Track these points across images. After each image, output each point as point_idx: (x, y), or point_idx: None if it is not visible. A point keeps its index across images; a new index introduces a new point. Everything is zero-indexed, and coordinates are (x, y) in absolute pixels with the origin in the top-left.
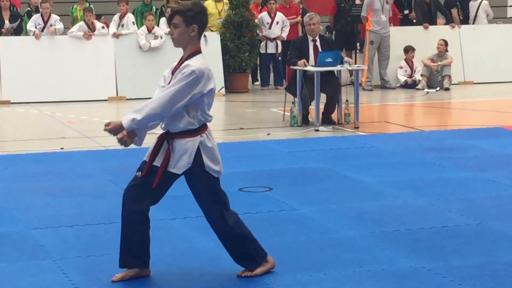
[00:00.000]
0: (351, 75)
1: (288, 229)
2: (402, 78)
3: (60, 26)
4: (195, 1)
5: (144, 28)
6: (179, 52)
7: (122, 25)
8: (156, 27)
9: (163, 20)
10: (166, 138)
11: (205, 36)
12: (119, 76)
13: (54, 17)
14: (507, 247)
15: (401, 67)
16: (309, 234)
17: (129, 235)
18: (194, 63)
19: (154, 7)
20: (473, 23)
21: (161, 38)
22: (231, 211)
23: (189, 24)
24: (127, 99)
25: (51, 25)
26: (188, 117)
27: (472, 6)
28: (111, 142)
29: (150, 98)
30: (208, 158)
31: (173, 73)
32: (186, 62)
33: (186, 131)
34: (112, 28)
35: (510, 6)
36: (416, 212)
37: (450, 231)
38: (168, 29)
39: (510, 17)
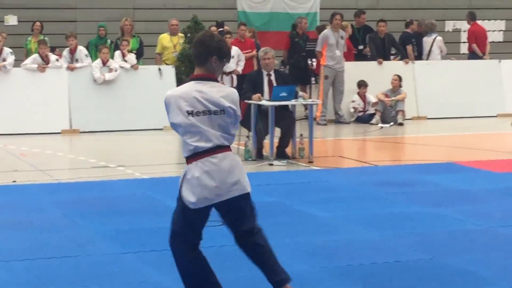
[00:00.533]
0: (305, 109)
1: (242, 263)
2: (354, 110)
3: (11, 59)
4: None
5: (98, 61)
6: (134, 85)
7: (77, 60)
8: (110, 60)
9: (117, 53)
10: None
11: (160, 69)
12: (73, 109)
13: (6, 50)
14: (459, 282)
15: (354, 101)
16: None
17: None
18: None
19: (109, 40)
20: (427, 59)
21: (116, 71)
22: (185, 245)
23: (212, 55)
24: (80, 132)
25: (3, 59)
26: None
27: (426, 42)
28: (64, 175)
29: (104, 131)
30: (186, 187)
31: None
32: None
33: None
34: (64, 63)
35: (463, 42)
36: (369, 247)
37: (403, 266)
38: (123, 62)
39: (463, 53)
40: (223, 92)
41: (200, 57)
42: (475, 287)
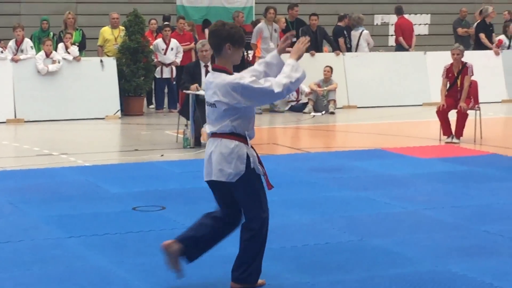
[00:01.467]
0: None
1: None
2: (290, 102)
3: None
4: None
5: (42, 53)
6: (77, 76)
7: (22, 51)
8: (54, 52)
9: (61, 45)
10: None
11: (101, 61)
12: (18, 99)
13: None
14: (387, 262)
15: None
16: None
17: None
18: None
19: (51, 33)
20: (356, 51)
21: (59, 62)
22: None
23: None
24: (25, 121)
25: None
26: None
27: (354, 35)
28: (9, 163)
29: (48, 120)
30: None
31: None
32: None
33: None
34: (9, 55)
35: (391, 35)
36: (301, 230)
37: (333, 247)
38: (66, 54)
39: (391, 46)
40: (219, 85)
41: (215, 46)
42: (400, 267)
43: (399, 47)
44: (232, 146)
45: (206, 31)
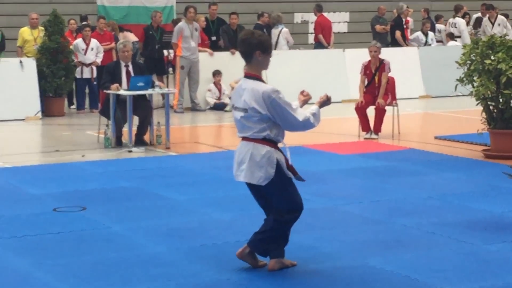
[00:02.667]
0: (163, 98)
1: (100, 246)
2: (211, 101)
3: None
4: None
5: None
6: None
7: None
8: None
9: None
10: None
11: (21, 62)
12: None
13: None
14: (303, 257)
15: (209, 90)
16: (119, 251)
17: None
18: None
19: None
20: (275, 49)
21: None
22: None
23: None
24: None
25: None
26: None
27: (274, 33)
28: None
29: None
30: None
31: None
32: None
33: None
34: None
35: (311, 33)
36: (222, 227)
37: None
38: None
39: (311, 43)
40: (255, 93)
41: (246, 54)
42: (318, 263)
43: (318, 45)
44: (263, 152)
45: (122, 34)
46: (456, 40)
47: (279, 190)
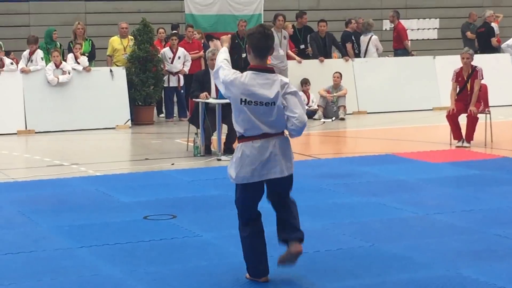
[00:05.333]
0: None
1: (190, 255)
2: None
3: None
4: (257, 25)
5: (52, 64)
6: (87, 86)
7: (31, 61)
8: (64, 62)
9: (70, 56)
10: None
11: (111, 71)
12: (28, 110)
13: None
14: (396, 267)
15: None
16: (210, 259)
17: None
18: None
19: (58, 43)
20: (364, 57)
21: (69, 73)
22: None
23: (247, 45)
24: (36, 132)
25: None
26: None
27: (363, 41)
28: (20, 174)
29: (58, 131)
30: (233, 163)
31: None
32: None
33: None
34: (21, 63)
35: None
36: (313, 236)
37: (345, 253)
38: (75, 64)
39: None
40: (280, 85)
41: (271, 49)
42: (411, 272)
43: (401, 51)
44: (288, 143)
45: (212, 43)
46: None
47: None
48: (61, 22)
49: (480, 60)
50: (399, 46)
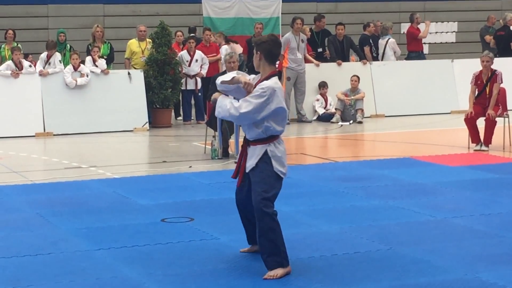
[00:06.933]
0: None
1: (208, 257)
2: (320, 110)
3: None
4: (269, 34)
5: (70, 66)
6: (105, 89)
7: (49, 63)
8: (82, 65)
9: (88, 58)
10: (246, 144)
11: (129, 73)
12: (46, 113)
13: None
14: (414, 270)
15: (317, 100)
16: (228, 262)
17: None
18: (267, 83)
19: (68, 45)
20: (382, 60)
21: (87, 76)
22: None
23: (257, 51)
24: (54, 135)
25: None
26: (256, 128)
27: (381, 44)
28: (38, 177)
29: (76, 133)
30: (276, 162)
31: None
32: (260, 83)
33: (257, 140)
34: (39, 66)
35: (423, 43)
36: (330, 239)
37: (362, 256)
38: (93, 67)
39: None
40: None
41: (271, 56)
42: (429, 276)
43: (417, 55)
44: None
45: (230, 46)
46: None
47: None
48: (79, 25)
49: (499, 64)
50: (411, 48)
